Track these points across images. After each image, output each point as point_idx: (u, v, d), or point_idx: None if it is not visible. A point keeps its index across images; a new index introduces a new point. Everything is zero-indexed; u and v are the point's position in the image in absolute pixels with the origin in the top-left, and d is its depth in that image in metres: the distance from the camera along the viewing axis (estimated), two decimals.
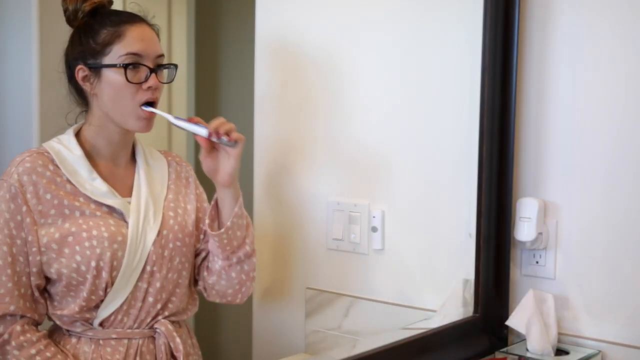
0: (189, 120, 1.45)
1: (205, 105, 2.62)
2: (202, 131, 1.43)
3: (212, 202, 1.52)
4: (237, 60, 2.54)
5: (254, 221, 1.88)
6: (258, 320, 1.96)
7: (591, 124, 1.55)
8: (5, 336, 1.37)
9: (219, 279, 1.54)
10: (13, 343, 1.37)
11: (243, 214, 1.52)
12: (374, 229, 1.74)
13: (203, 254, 1.57)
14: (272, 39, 1.89)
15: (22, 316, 1.39)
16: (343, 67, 1.78)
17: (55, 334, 1.46)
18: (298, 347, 1.88)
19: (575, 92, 1.56)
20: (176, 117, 1.46)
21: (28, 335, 1.38)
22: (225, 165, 1.46)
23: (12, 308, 1.37)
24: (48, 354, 1.39)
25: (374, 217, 1.74)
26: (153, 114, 1.44)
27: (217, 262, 1.53)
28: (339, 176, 1.80)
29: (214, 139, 1.43)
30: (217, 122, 1.44)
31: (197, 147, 2.34)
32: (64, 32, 1.47)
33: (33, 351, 1.38)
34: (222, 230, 1.49)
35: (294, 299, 1.89)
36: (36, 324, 1.43)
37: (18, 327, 1.38)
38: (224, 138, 1.43)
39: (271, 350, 1.93)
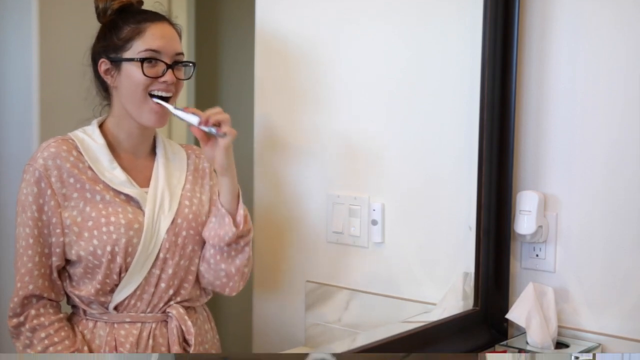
0: (185, 109, 1.49)
1: (205, 103, 2.61)
2: (193, 120, 1.47)
3: None
4: (237, 56, 2.53)
5: (254, 214, 1.88)
6: (258, 313, 1.96)
7: (591, 117, 1.55)
8: (21, 318, 1.45)
9: (209, 268, 1.56)
10: (27, 326, 1.45)
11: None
12: (374, 222, 1.74)
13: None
14: (272, 35, 1.88)
15: (40, 298, 1.46)
16: (343, 60, 1.78)
17: (74, 318, 1.52)
18: (298, 340, 1.88)
19: (575, 85, 1.56)
20: (175, 107, 1.49)
21: (42, 319, 1.46)
22: (216, 155, 1.50)
23: (30, 287, 1.44)
24: (56, 339, 1.45)
25: (373, 210, 1.74)
26: (165, 108, 1.49)
27: (208, 250, 1.56)
28: (339, 169, 1.80)
29: (203, 128, 1.47)
30: (210, 111, 1.48)
31: (196, 139, 2.32)
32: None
33: (43, 335, 1.45)
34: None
35: (294, 292, 1.89)
36: (55, 304, 1.49)
37: (33, 311, 1.45)
38: (213, 129, 1.47)
39: (271, 343, 1.93)
